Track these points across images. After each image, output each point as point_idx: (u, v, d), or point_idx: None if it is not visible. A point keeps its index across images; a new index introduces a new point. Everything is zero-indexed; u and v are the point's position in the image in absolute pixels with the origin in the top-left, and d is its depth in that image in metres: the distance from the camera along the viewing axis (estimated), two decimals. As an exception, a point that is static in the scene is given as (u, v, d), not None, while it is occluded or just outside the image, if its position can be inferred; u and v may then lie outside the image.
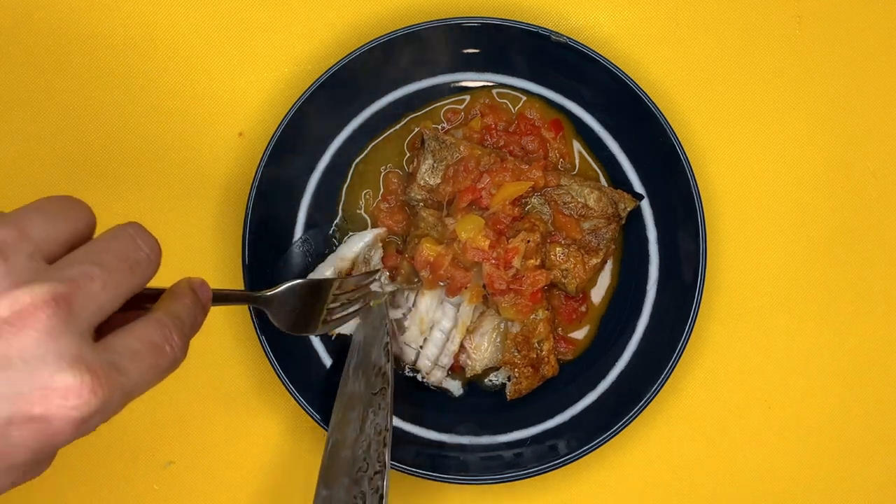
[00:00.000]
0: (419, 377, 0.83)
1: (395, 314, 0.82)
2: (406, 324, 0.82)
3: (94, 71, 0.85)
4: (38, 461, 0.45)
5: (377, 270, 0.81)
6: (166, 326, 0.49)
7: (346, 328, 0.81)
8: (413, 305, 0.81)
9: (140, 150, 0.85)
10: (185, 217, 0.85)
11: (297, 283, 0.69)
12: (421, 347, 0.81)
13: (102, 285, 0.45)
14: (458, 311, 0.81)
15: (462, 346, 0.82)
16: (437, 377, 0.82)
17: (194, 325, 0.53)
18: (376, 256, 0.82)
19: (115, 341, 0.46)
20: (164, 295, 0.53)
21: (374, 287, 0.81)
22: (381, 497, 0.65)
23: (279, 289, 0.68)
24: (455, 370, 0.83)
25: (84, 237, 0.48)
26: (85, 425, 0.43)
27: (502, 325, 0.82)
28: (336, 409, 0.77)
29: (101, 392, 0.43)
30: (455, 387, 0.83)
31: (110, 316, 0.46)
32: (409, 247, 0.81)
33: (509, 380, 0.81)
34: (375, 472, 0.67)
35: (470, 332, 0.82)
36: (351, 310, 0.76)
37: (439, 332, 0.81)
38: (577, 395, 0.82)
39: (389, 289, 0.81)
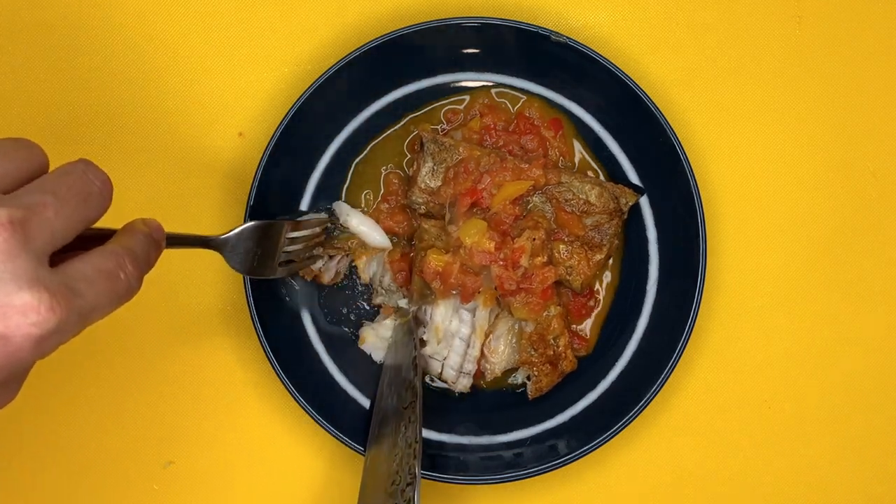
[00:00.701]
0: (446, 386, 0.83)
1: (421, 333, 0.82)
2: (426, 338, 0.82)
3: (94, 71, 0.85)
4: (2, 382, 0.47)
5: (328, 219, 0.81)
6: (120, 255, 0.51)
7: (376, 352, 0.83)
8: (430, 318, 0.82)
9: (140, 151, 0.85)
10: (185, 216, 0.85)
11: (249, 225, 0.72)
12: (445, 359, 0.81)
13: (55, 213, 0.47)
14: (474, 316, 0.81)
15: (480, 351, 0.82)
16: (463, 384, 0.82)
17: (148, 260, 0.54)
18: (387, 277, 0.83)
19: (71, 267, 0.48)
20: (119, 231, 0.55)
21: (401, 305, 0.82)
22: None
23: (232, 231, 0.70)
24: (476, 375, 0.83)
25: (37, 176, 0.50)
26: (44, 343, 0.45)
27: (516, 326, 0.82)
28: (372, 426, 0.79)
29: (59, 311, 0.44)
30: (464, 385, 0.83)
31: (66, 254, 0.48)
32: (416, 261, 0.81)
33: (529, 379, 0.81)
34: (407, 484, 0.67)
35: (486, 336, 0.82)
36: (309, 255, 0.78)
37: (459, 340, 0.81)
38: (577, 395, 0.82)
39: (412, 308, 0.82)
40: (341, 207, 0.83)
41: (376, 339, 0.83)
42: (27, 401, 0.83)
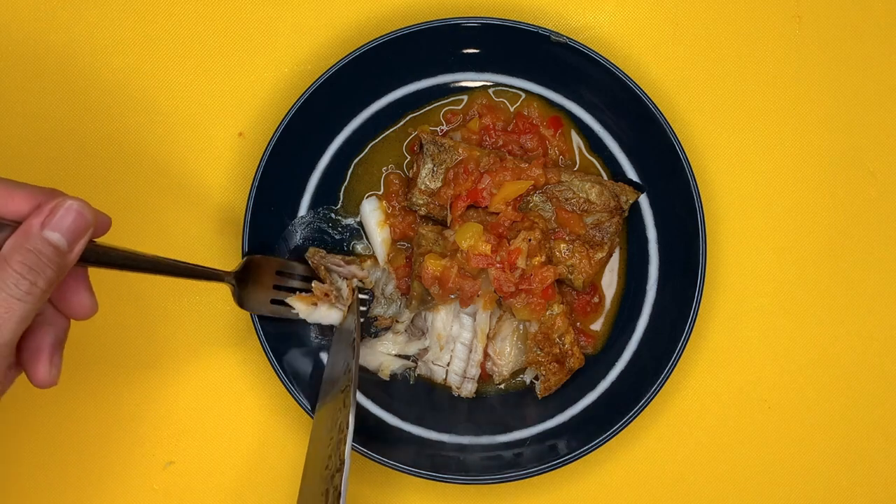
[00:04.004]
0: (454, 394, 0.82)
1: (423, 343, 0.82)
2: (428, 345, 0.82)
3: (94, 71, 0.85)
4: None
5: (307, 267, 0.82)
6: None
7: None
8: (430, 325, 0.82)
9: (140, 151, 0.85)
10: (185, 217, 0.85)
11: (250, 259, 0.78)
12: (448, 364, 0.81)
13: None
14: (474, 320, 0.81)
15: (486, 354, 0.82)
16: (468, 390, 0.82)
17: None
18: (390, 286, 0.83)
19: None
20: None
21: (374, 276, 0.82)
22: (339, 495, 0.65)
23: (238, 266, 0.76)
24: (483, 378, 0.83)
25: None
26: None
27: (521, 327, 0.82)
28: (319, 401, 0.78)
29: None
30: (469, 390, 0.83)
31: None
32: (414, 267, 0.81)
33: (537, 379, 0.81)
34: (336, 471, 0.67)
35: (490, 339, 0.82)
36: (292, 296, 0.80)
37: (461, 345, 0.81)
38: (577, 395, 0.82)
39: (406, 317, 0.81)
40: (366, 205, 0.83)
41: (372, 356, 0.82)
42: (28, 401, 0.83)
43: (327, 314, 0.80)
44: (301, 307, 0.79)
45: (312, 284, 0.80)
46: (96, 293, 0.64)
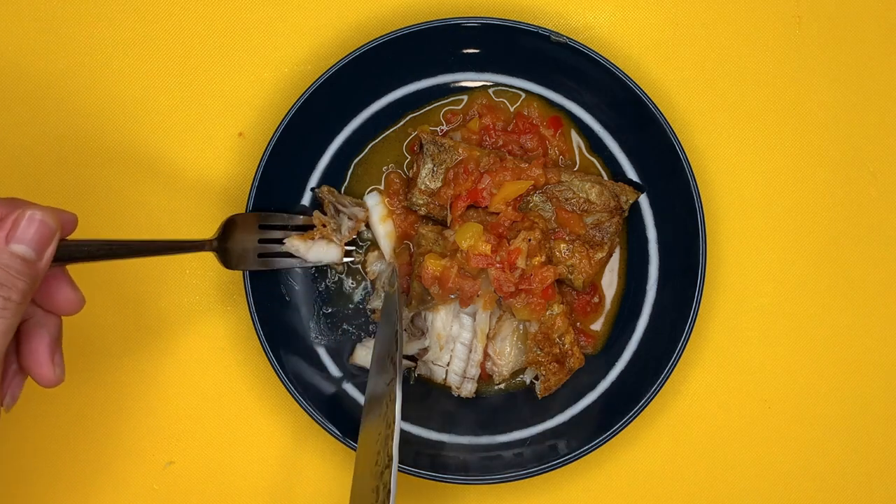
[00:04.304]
0: (454, 393, 0.82)
1: (423, 343, 0.82)
2: (428, 344, 0.82)
3: (94, 71, 0.85)
4: None
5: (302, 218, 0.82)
6: None
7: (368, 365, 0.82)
8: (430, 325, 0.82)
9: (140, 150, 0.85)
10: (185, 216, 0.85)
11: (228, 220, 0.77)
12: (448, 364, 0.81)
13: None
14: (474, 320, 0.81)
15: (486, 354, 0.82)
16: (468, 390, 0.82)
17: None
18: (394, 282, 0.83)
19: None
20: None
21: (377, 267, 0.82)
22: (389, 492, 0.65)
23: (217, 231, 0.76)
24: (483, 378, 0.83)
25: None
26: None
27: (521, 327, 0.82)
28: (364, 403, 0.78)
29: None
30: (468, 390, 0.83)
31: None
32: (414, 267, 0.81)
33: (537, 379, 0.81)
34: (385, 467, 0.67)
35: (490, 339, 0.82)
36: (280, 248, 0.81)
37: (461, 345, 0.81)
38: (577, 395, 0.82)
39: (404, 315, 0.81)
40: (368, 200, 0.83)
41: (368, 356, 0.82)
42: (28, 401, 0.83)
43: (326, 250, 0.81)
44: (299, 245, 0.80)
45: (314, 213, 0.81)
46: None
